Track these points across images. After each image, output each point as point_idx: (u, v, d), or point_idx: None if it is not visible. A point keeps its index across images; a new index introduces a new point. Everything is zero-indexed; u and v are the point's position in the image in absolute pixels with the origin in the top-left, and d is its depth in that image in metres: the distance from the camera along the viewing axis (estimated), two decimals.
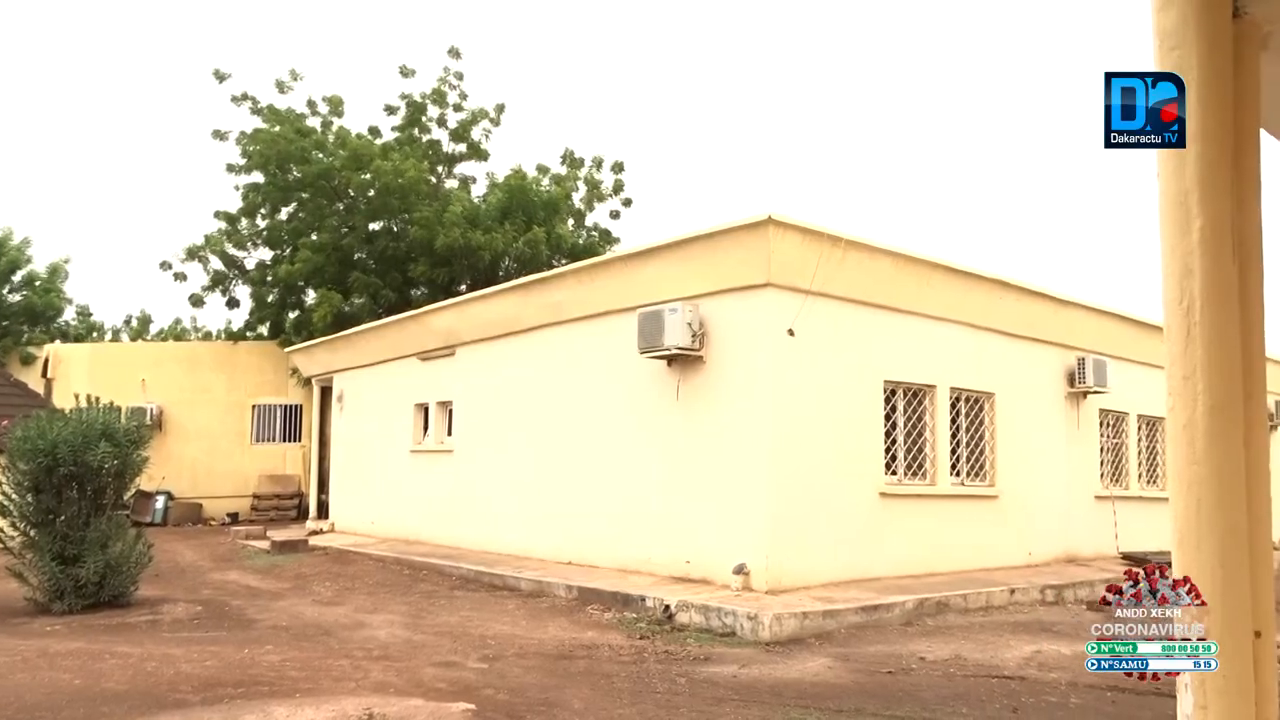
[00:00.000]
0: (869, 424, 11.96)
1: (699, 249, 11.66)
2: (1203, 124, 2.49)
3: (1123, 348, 15.74)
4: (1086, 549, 15.06)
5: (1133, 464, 16.68)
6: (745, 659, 8.20)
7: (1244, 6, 2.62)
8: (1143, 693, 7.28)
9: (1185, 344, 2.48)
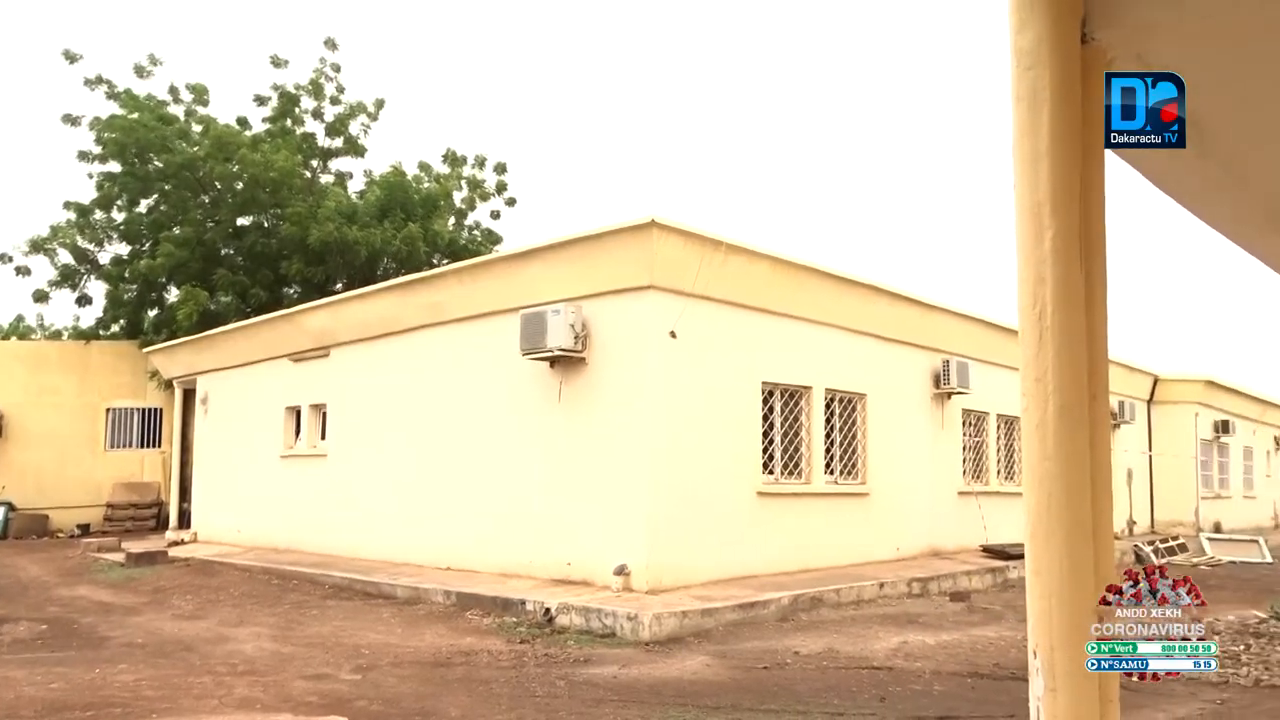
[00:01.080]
0: (748, 425, 12.21)
1: (582, 250, 11.65)
2: (1055, 140, 2.64)
3: (984, 351, 16.61)
4: (950, 543, 15.81)
5: (992, 461, 17.61)
6: (625, 659, 8.23)
7: (1091, 32, 2.80)
8: (1000, 678, 7.70)
9: (1038, 347, 2.63)
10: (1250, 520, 26.88)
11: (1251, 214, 4.85)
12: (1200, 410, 24.93)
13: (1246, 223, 5.04)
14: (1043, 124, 2.69)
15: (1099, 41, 2.83)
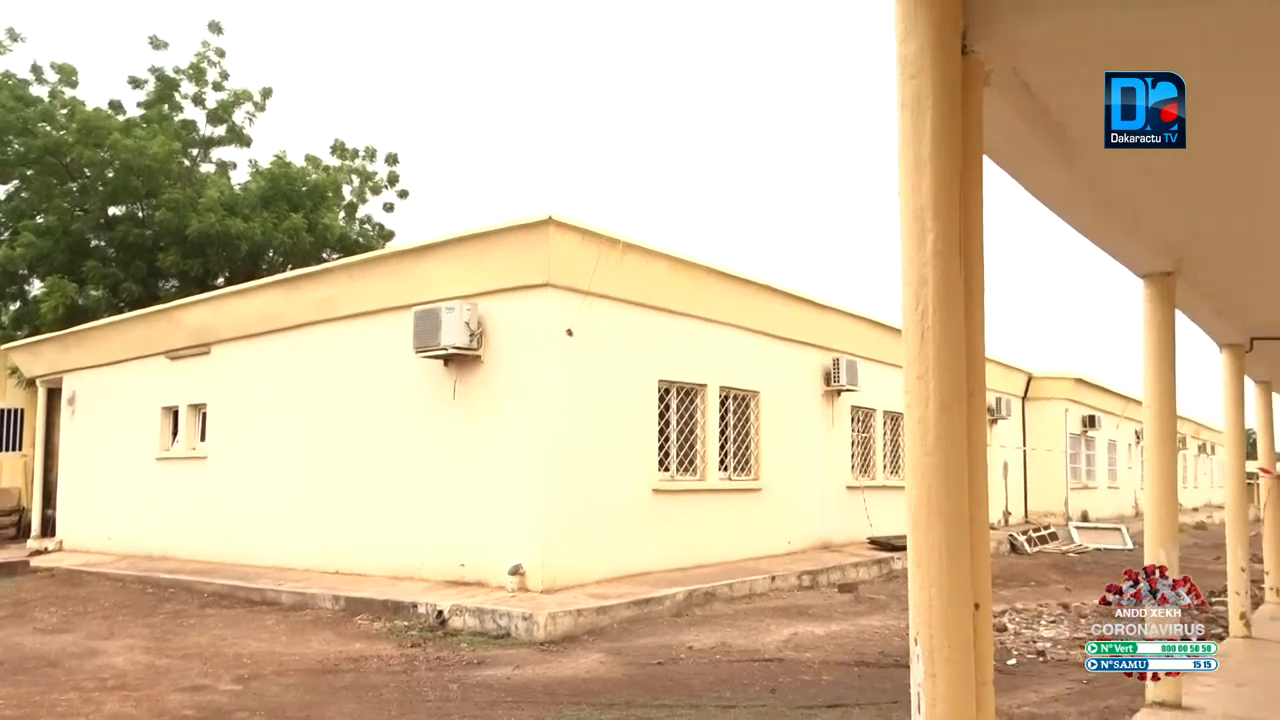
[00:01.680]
0: (644, 422, 12.28)
1: (478, 247, 11.48)
2: (937, 147, 2.74)
3: (872, 349, 17.17)
4: (839, 536, 16.28)
5: (879, 456, 18.22)
6: (520, 660, 8.16)
7: (971, 45, 2.92)
8: (884, 666, 7.97)
9: (920, 346, 2.72)
10: (1114, 509, 28.64)
11: (1113, 221, 5.16)
12: (1070, 406, 26.41)
13: (1109, 229, 5.35)
14: (925, 131, 2.79)
15: (977, 54, 2.95)
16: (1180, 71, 3.43)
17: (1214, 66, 3.34)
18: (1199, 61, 3.32)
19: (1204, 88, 3.54)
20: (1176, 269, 6.05)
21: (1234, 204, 5.11)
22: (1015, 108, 3.53)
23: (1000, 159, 4.08)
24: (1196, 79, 3.47)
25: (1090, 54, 3.33)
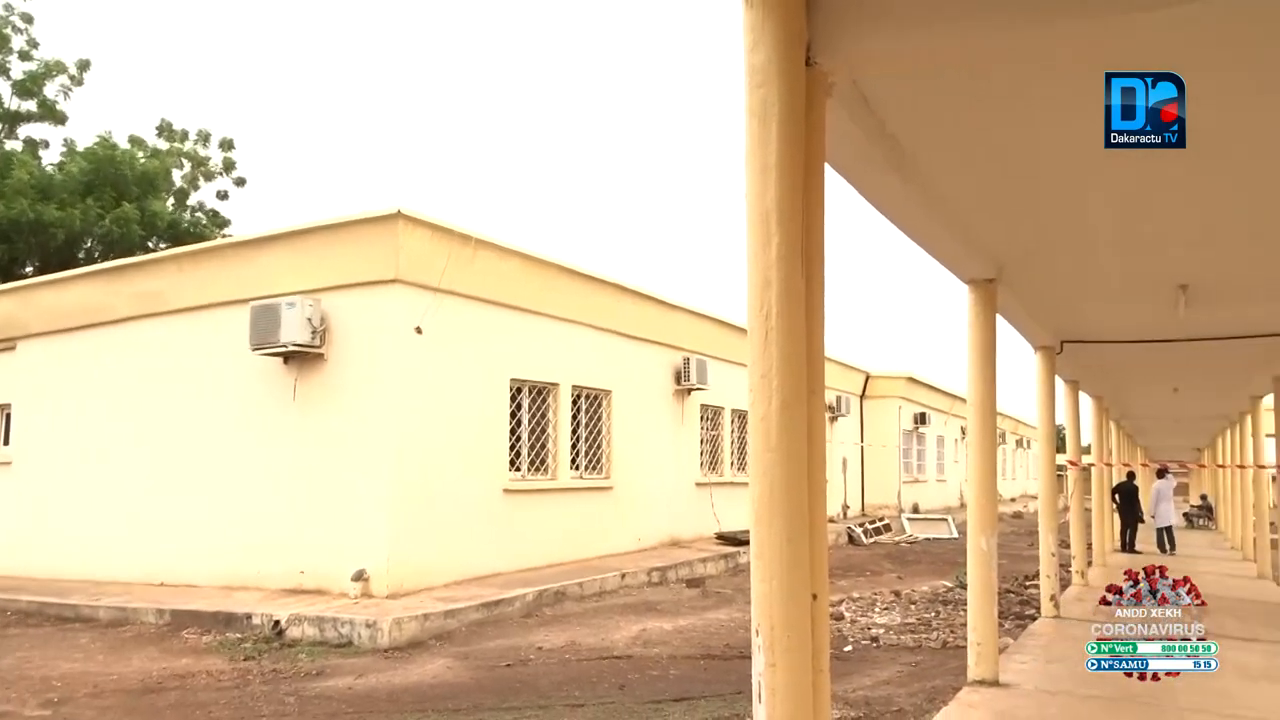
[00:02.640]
0: (495, 422, 12.12)
1: (323, 240, 11.02)
2: (782, 154, 2.83)
3: (721, 349, 17.60)
4: (688, 532, 16.61)
5: (727, 453, 18.71)
6: (362, 668, 7.88)
7: (815, 57, 3.03)
8: (729, 658, 8.18)
9: (764, 346, 2.80)
10: (942, 501, 30.54)
11: (942, 230, 5.49)
12: (903, 404, 27.97)
13: (938, 238, 5.69)
14: (771, 138, 2.87)
15: (821, 66, 3.07)
16: (1002, 95, 3.69)
17: (1034, 90, 3.60)
18: (1022, 85, 3.58)
19: (1020, 109, 3.82)
20: (998, 276, 6.50)
21: (1048, 219, 5.54)
22: (855, 119, 3.69)
23: (841, 167, 4.27)
24: (1015, 101, 3.75)
25: (923, 72, 3.53)
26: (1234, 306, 7.66)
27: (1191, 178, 4.59)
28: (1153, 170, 4.49)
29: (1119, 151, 4.26)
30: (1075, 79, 3.45)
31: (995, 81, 3.54)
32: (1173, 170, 4.48)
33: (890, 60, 3.17)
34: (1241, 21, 2.92)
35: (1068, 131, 4.04)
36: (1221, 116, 3.77)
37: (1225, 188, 4.73)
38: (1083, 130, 4.03)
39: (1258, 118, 3.80)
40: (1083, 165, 4.48)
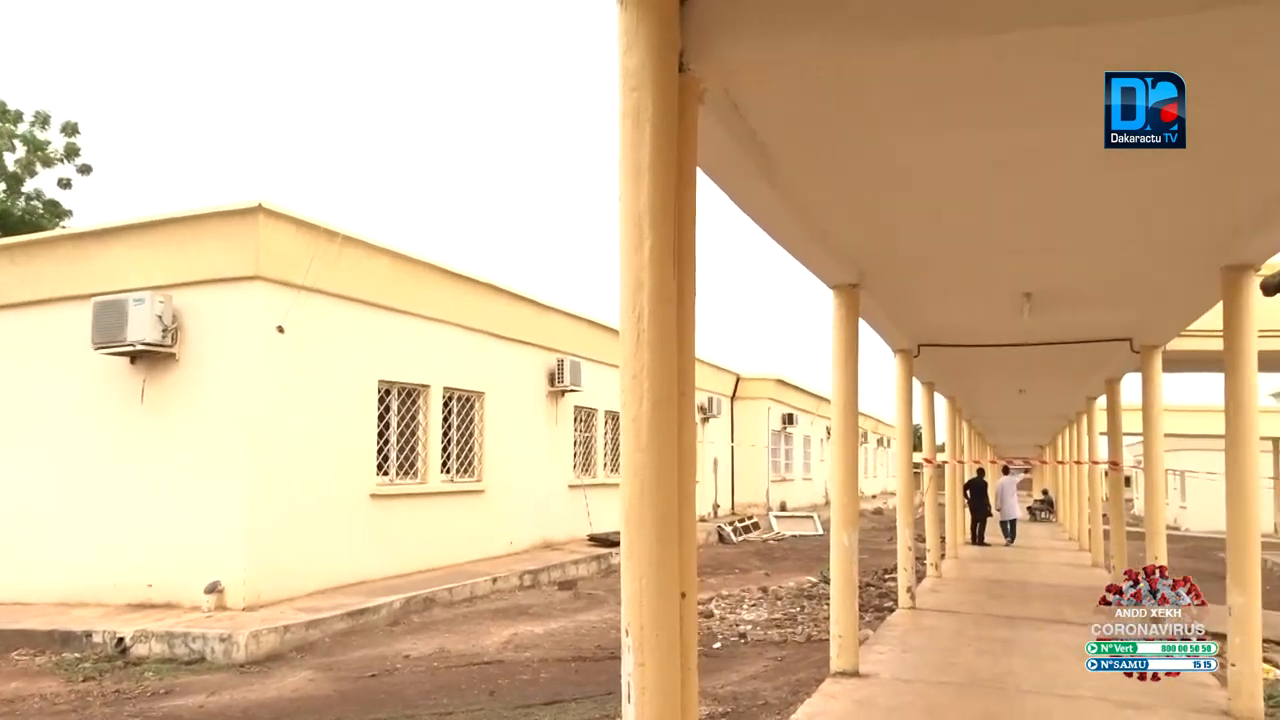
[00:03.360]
0: (362, 425, 11.75)
1: (177, 233, 10.41)
2: (655, 157, 2.85)
3: (595, 350, 17.63)
4: (561, 534, 16.56)
5: (600, 455, 18.76)
6: (216, 685, 7.47)
7: (687, 63, 3.07)
8: (601, 659, 8.20)
9: (636, 347, 2.82)
10: (809, 499, 31.57)
11: (808, 236, 5.66)
12: (772, 405, 28.76)
13: (804, 244, 5.87)
14: (645, 141, 2.89)
15: (694, 72, 3.11)
16: (866, 109, 3.84)
17: (896, 105, 3.76)
18: (885, 100, 3.72)
19: (883, 123, 3.99)
20: (860, 282, 6.77)
21: (907, 229, 5.80)
22: (726, 126, 3.77)
23: (712, 173, 4.35)
24: (878, 115, 3.91)
25: (790, 83, 3.63)
26: (1072, 313, 8.22)
27: (1034, 192, 4.90)
28: (1001, 185, 4.77)
29: (971, 167, 4.53)
30: (934, 96, 3.62)
31: (860, 95, 3.68)
32: (1018, 185, 4.77)
33: (760, 70, 3.24)
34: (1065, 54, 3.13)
35: (926, 146, 4.25)
36: (1051, 136, 4.04)
37: (1062, 202, 5.07)
38: (940, 145, 4.25)
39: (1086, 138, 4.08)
40: (939, 179, 4.71)
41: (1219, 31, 2.88)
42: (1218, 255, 5.80)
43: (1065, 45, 3.00)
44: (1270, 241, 5.37)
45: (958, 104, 3.68)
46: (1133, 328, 8.94)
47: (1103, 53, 3.17)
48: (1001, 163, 4.43)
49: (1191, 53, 3.15)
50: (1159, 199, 4.96)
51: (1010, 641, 8.22)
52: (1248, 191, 4.67)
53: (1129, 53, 3.17)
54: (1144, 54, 3.19)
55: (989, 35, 2.79)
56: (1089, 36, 2.85)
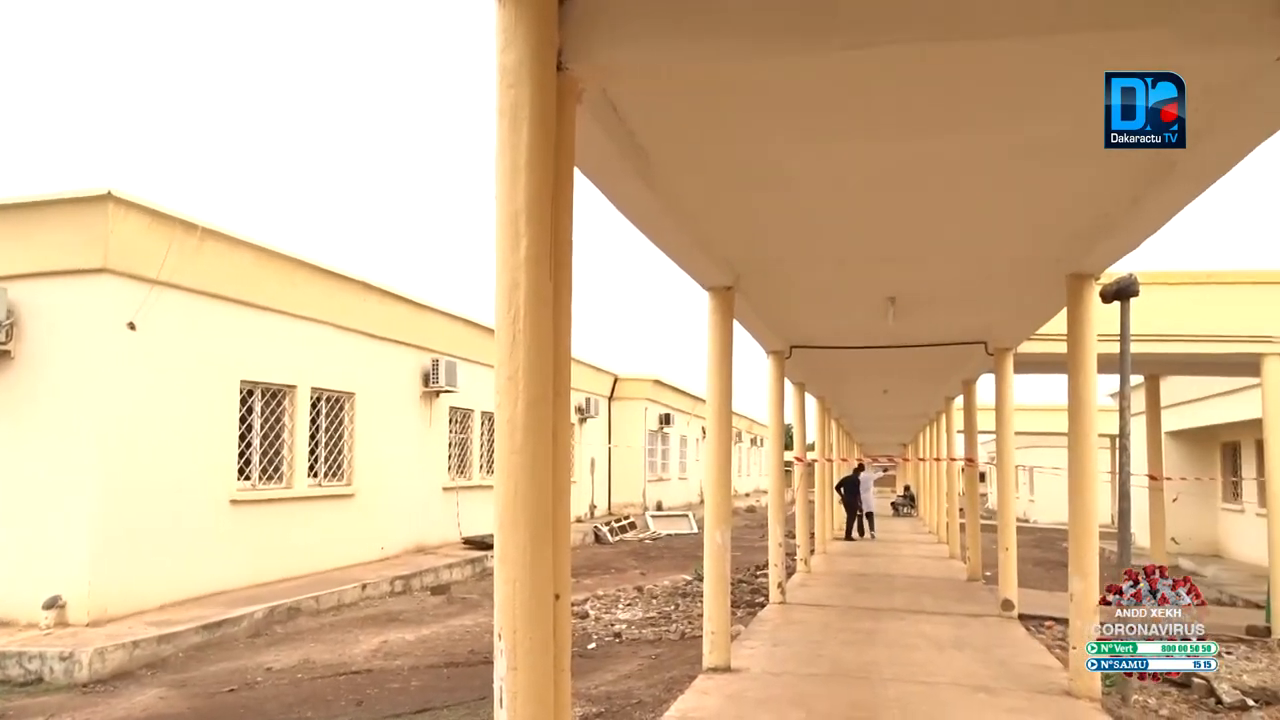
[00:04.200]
0: (222, 428, 11.17)
1: (14, 221, 9.64)
2: (532, 156, 2.82)
3: (471, 350, 17.34)
4: (435, 538, 16.22)
5: (476, 456, 18.48)
6: (56, 707, 6.95)
7: (566, 62, 3.05)
8: (474, 664, 8.07)
9: (511, 348, 2.78)
10: (684, 498, 32.02)
11: (685, 239, 5.74)
12: (649, 405, 29.03)
13: (681, 246, 5.95)
14: (522, 140, 2.86)
15: (572, 71, 3.10)
16: (743, 116, 3.92)
17: (771, 113, 3.85)
18: (761, 108, 3.81)
19: (758, 130, 4.08)
20: (735, 285, 6.91)
21: (779, 234, 5.96)
22: (604, 127, 3.77)
23: (590, 173, 4.35)
24: (754, 123, 3.99)
25: (669, 86, 3.67)
26: (933, 317, 8.63)
27: (899, 202, 5.12)
28: (870, 194, 4.96)
29: (842, 175, 4.69)
30: (809, 105, 3.73)
31: (738, 101, 3.76)
32: (885, 195, 4.97)
33: (638, 73, 3.26)
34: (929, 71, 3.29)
35: (801, 154, 4.37)
36: (916, 150, 4.24)
37: (925, 213, 5.32)
38: (814, 153, 4.38)
39: (948, 152, 4.30)
40: (813, 186, 4.86)
41: (1069, 55, 3.07)
42: (1063, 265, 6.20)
43: (929, 62, 3.14)
44: (1108, 252, 5.78)
45: (830, 114, 3.81)
46: (987, 332, 9.46)
47: (963, 71, 3.34)
48: (870, 172, 4.61)
49: (1043, 74, 3.36)
50: (1011, 212, 5.27)
51: (874, 632, 8.56)
52: (1088, 206, 5.02)
53: (987, 72, 3.36)
54: (998, 75, 3.38)
55: (858, 49, 2.89)
56: (950, 54, 2.99)
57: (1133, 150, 4.02)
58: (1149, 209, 4.75)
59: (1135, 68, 3.25)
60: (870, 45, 2.86)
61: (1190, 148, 3.86)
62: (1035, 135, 3.98)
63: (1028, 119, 3.78)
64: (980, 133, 3.99)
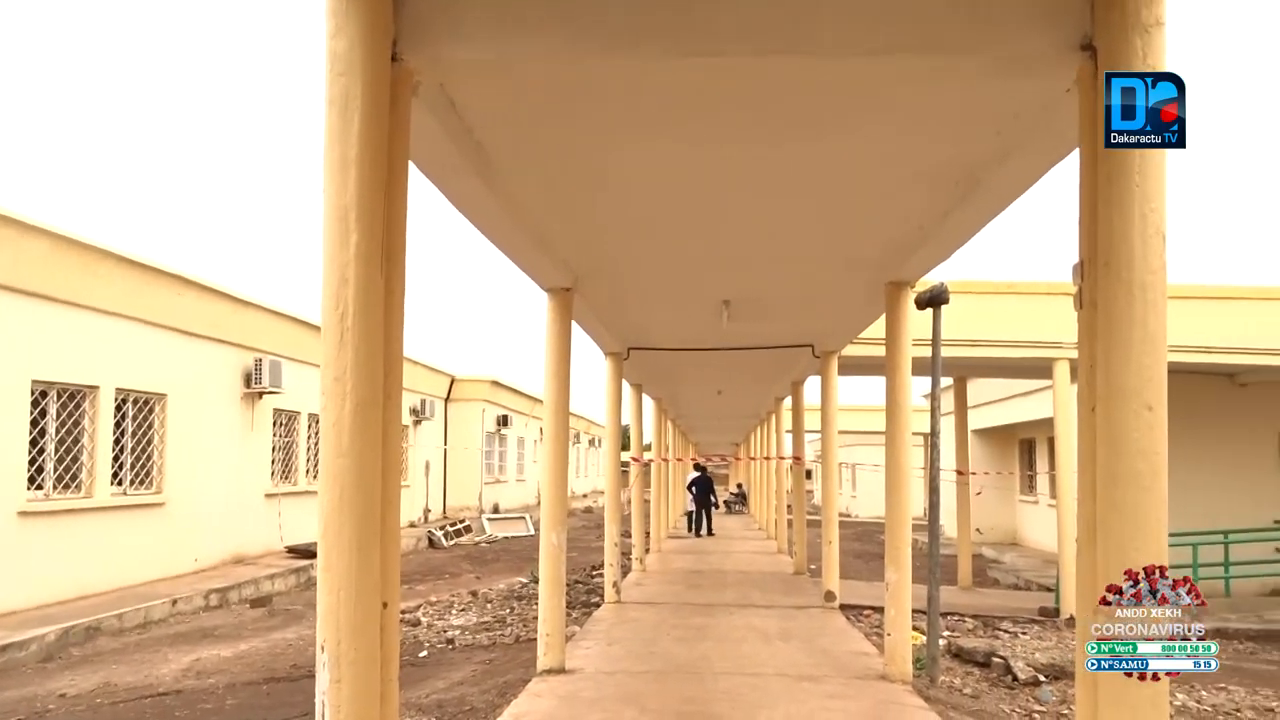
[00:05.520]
0: (8, 432, 10.13)
1: None
2: (364, 148, 2.72)
3: (298, 349, 16.52)
4: (256, 547, 15.34)
5: (302, 461, 17.63)
6: None
7: (401, 53, 2.96)
8: (297, 679, 7.69)
9: (339, 347, 2.67)
10: (521, 500, 31.76)
11: (526, 240, 5.69)
12: (487, 407, 28.62)
13: (520, 246, 5.90)
14: (353, 131, 2.75)
15: (407, 63, 3.00)
16: (581, 118, 3.92)
17: (609, 117, 3.87)
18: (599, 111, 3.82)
19: (597, 133, 4.09)
20: (574, 285, 6.91)
21: (617, 236, 6.01)
22: (441, 122, 3.68)
23: (426, 168, 4.23)
24: (593, 126, 4.00)
25: (508, 84, 3.62)
26: (765, 321, 8.95)
27: (733, 208, 5.28)
28: (705, 199, 5.08)
29: (680, 179, 4.78)
30: (647, 109, 3.77)
31: (578, 102, 3.75)
32: (720, 200, 5.11)
33: (475, 68, 3.20)
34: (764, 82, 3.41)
35: (640, 157, 4.42)
36: (750, 157, 4.38)
37: (757, 219, 5.51)
38: (652, 157, 4.43)
39: (779, 161, 4.47)
40: (651, 189, 4.93)
41: (893, 75, 3.25)
42: (882, 273, 6.57)
43: (767, 74, 3.25)
44: (923, 262, 6.17)
45: (671, 119, 3.87)
46: (815, 335, 9.91)
47: (798, 84, 3.47)
48: (708, 178, 4.73)
49: (869, 92, 3.55)
50: (837, 222, 5.54)
51: (705, 628, 8.78)
52: (906, 219, 5.34)
53: (820, 87, 3.51)
54: (830, 90, 3.54)
55: (702, 57, 2.95)
56: (787, 68, 3.10)
57: (943, 166, 4.39)
58: (959, 222, 5.10)
59: (951, 91, 3.50)
60: (714, 54, 2.93)
61: (995, 168, 4.22)
62: (860, 149, 4.20)
63: (853, 133, 3.98)
64: (810, 144, 4.16)
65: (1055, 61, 2.84)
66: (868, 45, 2.87)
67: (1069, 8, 2.77)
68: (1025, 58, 2.88)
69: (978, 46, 2.86)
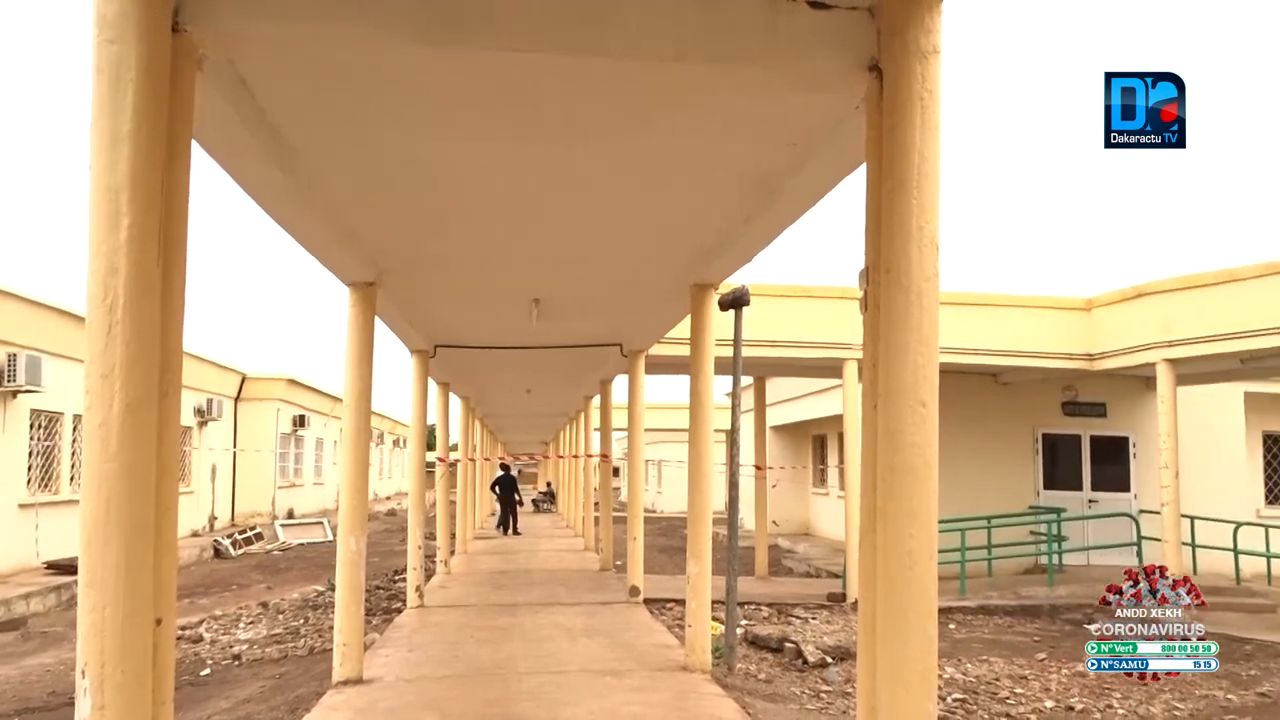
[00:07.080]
0: None
1: None
2: (139, 124, 2.48)
3: (62, 344, 14.92)
4: (8, 564, 13.73)
5: (66, 467, 15.95)
6: None
7: (184, 24, 2.72)
8: (55, 708, 6.97)
9: (106, 342, 2.43)
10: (320, 504, 30.25)
11: (326, 232, 5.42)
12: (282, 406, 27.04)
13: (320, 238, 5.61)
14: (126, 105, 2.50)
15: (191, 35, 2.77)
16: (383, 106, 3.77)
17: (412, 106, 3.75)
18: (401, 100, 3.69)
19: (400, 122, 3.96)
20: (378, 280, 6.66)
21: (423, 230, 5.85)
22: (231, 102, 3.43)
23: (213, 150, 3.93)
24: (395, 115, 3.86)
25: (307, 65, 3.42)
26: (574, 319, 8.99)
27: (541, 206, 5.26)
28: (513, 195, 5.03)
29: (487, 175, 4.71)
30: (454, 102, 3.68)
31: (382, 90, 3.61)
32: (528, 197, 5.08)
33: (265, 47, 3.01)
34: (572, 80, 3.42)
35: (446, 150, 4.31)
36: (557, 155, 4.39)
37: (565, 218, 5.53)
38: (459, 151, 4.34)
39: (585, 160, 4.50)
40: (458, 184, 4.83)
41: (692, 82, 3.35)
42: (687, 275, 6.77)
43: (564, 71, 3.26)
44: (726, 264, 6.41)
45: (476, 113, 3.80)
46: (622, 335, 10.06)
47: (602, 85, 3.50)
48: (515, 174, 4.68)
49: (669, 97, 3.63)
50: (642, 223, 5.65)
51: (510, 628, 8.72)
52: (708, 222, 5.52)
53: (623, 88, 3.56)
54: (632, 92, 3.60)
55: (502, 51, 2.91)
56: (589, 68, 3.12)
57: (744, 174, 4.57)
58: (759, 227, 5.34)
59: (749, 102, 3.65)
60: (514, 50, 2.90)
61: (791, 177, 4.45)
62: (661, 152, 4.30)
63: (655, 136, 4.07)
64: (613, 143, 4.21)
65: (846, 80, 3.02)
66: (657, 52, 2.94)
67: (858, 32, 2.96)
68: (818, 75, 3.05)
69: (766, 62, 3.00)
